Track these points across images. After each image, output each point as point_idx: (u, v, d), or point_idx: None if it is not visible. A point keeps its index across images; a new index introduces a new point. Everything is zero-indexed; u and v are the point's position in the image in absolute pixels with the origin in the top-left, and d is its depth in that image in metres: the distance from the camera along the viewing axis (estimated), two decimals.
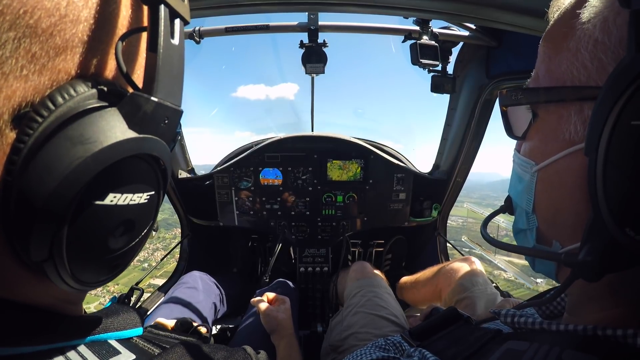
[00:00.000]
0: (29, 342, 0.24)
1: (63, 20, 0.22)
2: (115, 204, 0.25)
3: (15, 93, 0.21)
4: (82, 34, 0.23)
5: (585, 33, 0.26)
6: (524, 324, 0.34)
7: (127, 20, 0.26)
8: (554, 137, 0.29)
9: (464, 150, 1.40)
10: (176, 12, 0.26)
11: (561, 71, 0.28)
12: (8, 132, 0.21)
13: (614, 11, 0.24)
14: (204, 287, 1.29)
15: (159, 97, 0.25)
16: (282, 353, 0.85)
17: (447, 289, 1.08)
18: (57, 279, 0.24)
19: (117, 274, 0.29)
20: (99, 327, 0.30)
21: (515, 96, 0.33)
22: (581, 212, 0.27)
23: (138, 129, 0.25)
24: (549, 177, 0.31)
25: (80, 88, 0.23)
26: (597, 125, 0.23)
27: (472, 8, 0.72)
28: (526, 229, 0.35)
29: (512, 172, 0.38)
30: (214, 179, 1.52)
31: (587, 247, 0.25)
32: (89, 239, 0.25)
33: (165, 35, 0.25)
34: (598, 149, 0.23)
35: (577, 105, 0.27)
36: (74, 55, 0.23)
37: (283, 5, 0.83)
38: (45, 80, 0.22)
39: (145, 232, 0.30)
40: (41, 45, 0.21)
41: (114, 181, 0.24)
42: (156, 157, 0.27)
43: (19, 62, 0.20)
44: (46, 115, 0.21)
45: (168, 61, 0.25)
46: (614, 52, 0.24)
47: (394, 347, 0.48)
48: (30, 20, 0.20)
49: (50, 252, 0.22)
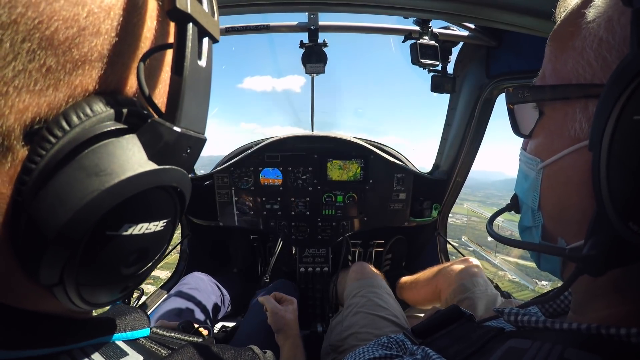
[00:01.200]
0: (35, 345, 0.24)
1: (82, 32, 0.20)
2: (131, 234, 0.23)
3: (28, 108, 0.19)
4: (102, 48, 0.21)
5: (590, 32, 0.26)
6: (527, 323, 0.34)
7: (152, 35, 0.25)
8: (560, 134, 0.30)
9: (464, 150, 1.40)
10: (205, 30, 0.23)
11: (567, 70, 0.29)
12: (19, 148, 0.20)
13: (618, 11, 0.24)
14: (205, 287, 1.29)
15: (182, 126, 0.23)
16: (287, 353, 0.85)
17: (447, 289, 1.08)
18: (67, 301, 0.23)
19: (127, 295, 0.29)
20: (106, 328, 0.30)
21: (522, 94, 0.33)
22: (586, 209, 0.27)
23: (158, 160, 0.23)
24: (554, 174, 0.31)
25: (98, 107, 0.22)
26: (600, 120, 0.23)
27: (472, 8, 0.72)
28: (532, 226, 0.35)
29: (519, 170, 0.38)
30: (214, 179, 1.52)
31: (591, 242, 0.26)
32: (102, 268, 0.24)
33: (192, 56, 0.23)
34: (601, 144, 0.23)
35: (582, 103, 0.28)
36: (92, 70, 0.22)
37: (283, 5, 0.83)
38: (61, 95, 0.21)
39: (159, 257, 0.29)
40: (57, 59, 0.20)
41: (130, 213, 0.23)
42: (175, 187, 0.25)
43: (32, 75, 0.19)
44: (60, 136, 0.20)
45: (194, 85, 0.23)
46: (618, 50, 0.24)
47: (396, 345, 0.48)
48: (47, 31, 0.19)
49: (60, 278, 0.22)
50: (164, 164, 0.23)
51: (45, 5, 0.18)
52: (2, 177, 0.20)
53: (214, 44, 0.26)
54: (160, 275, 5.34)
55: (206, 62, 0.24)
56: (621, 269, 0.26)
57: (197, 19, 0.22)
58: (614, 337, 0.26)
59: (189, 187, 0.28)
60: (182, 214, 0.29)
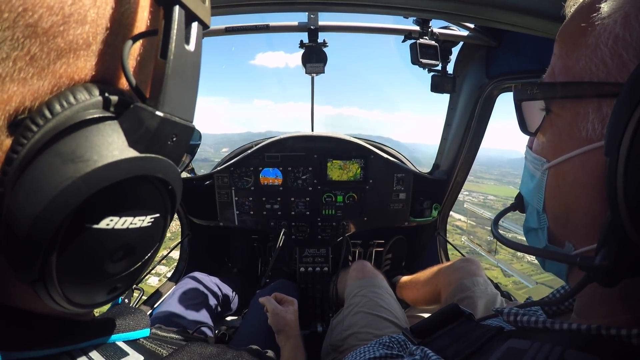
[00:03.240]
0: (35, 346, 0.24)
1: (67, 20, 0.20)
2: (113, 227, 0.22)
3: (12, 98, 0.19)
4: (88, 36, 0.21)
5: (605, 29, 0.25)
6: (526, 323, 0.34)
7: (143, 24, 0.24)
8: (569, 134, 0.29)
9: (464, 150, 1.40)
10: (194, 14, 0.23)
11: (579, 67, 0.28)
12: (4, 139, 0.20)
13: (636, 7, 0.23)
14: (205, 287, 1.29)
15: (165, 111, 0.22)
16: (287, 354, 0.85)
17: (447, 288, 1.08)
18: (49, 299, 0.22)
19: (117, 296, 0.27)
20: (106, 329, 0.29)
21: (531, 91, 0.32)
22: (596, 213, 0.26)
23: (140, 147, 0.22)
24: (561, 175, 0.30)
25: (82, 95, 0.21)
26: (619, 124, 0.22)
27: (472, 8, 0.72)
28: (537, 228, 0.34)
29: (524, 169, 0.37)
30: (214, 179, 1.51)
31: (604, 251, 0.24)
32: (84, 263, 0.22)
33: (179, 40, 0.22)
34: (620, 149, 0.22)
35: (595, 103, 0.26)
36: (78, 59, 0.21)
37: (283, 5, 0.83)
38: (45, 84, 0.20)
39: (150, 255, 0.27)
40: (41, 47, 0.19)
41: (110, 204, 0.22)
42: (161, 179, 0.24)
43: (16, 64, 0.19)
44: (42, 124, 0.20)
45: (180, 69, 0.22)
46: (636, 48, 0.23)
47: (398, 345, 0.47)
48: (30, 19, 0.18)
49: (39, 274, 0.21)
50: (146, 153, 0.22)
51: None
52: None
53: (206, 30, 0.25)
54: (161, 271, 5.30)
55: (194, 47, 0.24)
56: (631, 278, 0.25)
57: (185, 2, 0.22)
58: (614, 337, 0.25)
59: (178, 180, 0.26)
60: (173, 210, 0.27)
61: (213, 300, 1.28)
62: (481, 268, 1.10)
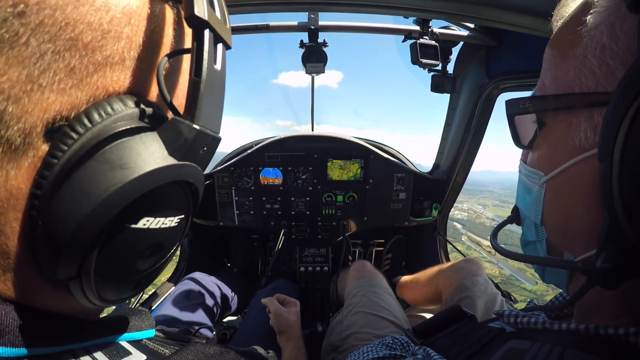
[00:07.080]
0: (39, 343, 0.24)
1: (105, 35, 0.21)
2: (148, 227, 0.24)
3: (51, 106, 0.20)
4: (123, 51, 0.23)
5: (592, 39, 0.26)
6: (526, 324, 0.34)
7: (170, 41, 0.26)
8: (564, 145, 0.29)
9: (464, 150, 1.40)
10: (220, 37, 0.25)
11: (569, 78, 0.28)
12: (40, 144, 0.21)
13: (621, 17, 0.24)
14: (206, 287, 1.29)
15: (200, 125, 0.25)
16: (289, 355, 0.85)
17: (448, 288, 1.08)
18: (81, 296, 0.24)
19: (138, 292, 0.29)
20: (111, 329, 0.30)
21: (523, 105, 0.33)
22: (593, 219, 0.27)
23: (177, 156, 0.24)
24: (559, 186, 0.30)
25: (118, 106, 0.23)
26: (610, 130, 0.23)
27: (472, 8, 0.72)
28: (535, 240, 0.34)
29: (519, 183, 0.37)
30: (214, 179, 1.51)
31: (605, 254, 0.25)
32: (119, 261, 0.24)
33: (209, 61, 0.24)
34: (613, 154, 0.23)
35: (586, 112, 0.27)
36: (113, 72, 0.23)
37: (283, 5, 0.83)
38: (83, 95, 0.22)
39: (172, 253, 0.30)
40: (81, 60, 0.21)
41: (149, 206, 0.24)
42: (191, 183, 0.27)
43: (57, 74, 0.20)
44: (82, 132, 0.21)
45: (210, 87, 0.25)
46: (622, 57, 0.24)
47: (400, 345, 0.47)
48: (72, 33, 0.20)
49: (78, 271, 0.22)
50: (183, 161, 0.25)
51: (72, 9, 0.20)
52: (21, 173, 0.21)
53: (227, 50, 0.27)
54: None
55: (221, 66, 0.26)
56: (632, 280, 0.25)
57: (213, 26, 0.24)
58: (613, 337, 0.26)
59: (202, 185, 0.29)
60: (194, 211, 0.30)
61: (214, 300, 1.28)
62: (482, 268, 1.10)
